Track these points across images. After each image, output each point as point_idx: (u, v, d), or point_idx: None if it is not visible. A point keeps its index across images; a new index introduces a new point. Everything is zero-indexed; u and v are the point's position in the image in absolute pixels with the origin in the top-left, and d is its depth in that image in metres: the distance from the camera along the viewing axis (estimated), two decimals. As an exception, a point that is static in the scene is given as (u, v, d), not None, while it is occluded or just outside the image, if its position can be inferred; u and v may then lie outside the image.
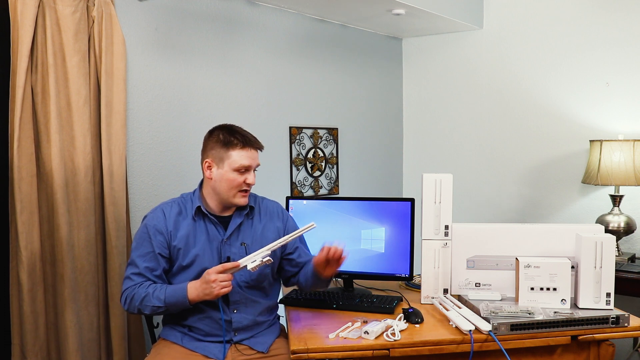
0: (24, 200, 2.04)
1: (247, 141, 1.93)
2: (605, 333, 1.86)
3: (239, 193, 1.93)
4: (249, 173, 1.93)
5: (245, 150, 1.92)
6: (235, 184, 1.92)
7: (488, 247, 2.06)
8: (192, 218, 1.96)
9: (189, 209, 1.97)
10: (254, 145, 1.94)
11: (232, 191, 1.92)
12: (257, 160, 1.97)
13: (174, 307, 1.85)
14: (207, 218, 1.96)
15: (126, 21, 2.38)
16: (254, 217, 2.03)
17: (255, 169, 1.97)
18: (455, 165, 3.71)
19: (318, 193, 3.37)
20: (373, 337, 1.78)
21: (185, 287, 1.84)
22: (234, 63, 2.85)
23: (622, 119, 3.08)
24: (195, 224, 1.95)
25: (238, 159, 1.91)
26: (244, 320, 1.95)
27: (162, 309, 1.84)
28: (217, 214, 1.99)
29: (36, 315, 2.09)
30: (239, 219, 1.98)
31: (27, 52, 2.01)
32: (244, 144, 1.92)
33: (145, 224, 1.94)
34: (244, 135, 1.94)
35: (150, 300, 1.84)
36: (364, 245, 2.31)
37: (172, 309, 1.86)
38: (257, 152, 1.96)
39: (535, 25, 3.34)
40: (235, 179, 1.91)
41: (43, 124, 2.10)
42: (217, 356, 1.89)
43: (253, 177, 1.94)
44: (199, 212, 1.96)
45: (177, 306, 1.85)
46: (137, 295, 1.85)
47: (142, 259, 1.90)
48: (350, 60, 3.53)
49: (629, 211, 2.99)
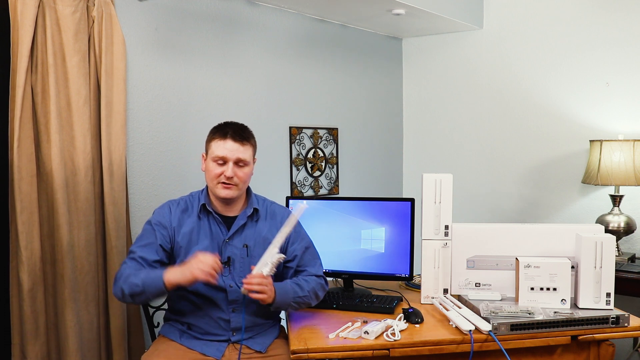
0: (24, 200, 2.05)
1: (226, 133, 1.92)
2: (605, 333, 1.86)
3: (219, 184, 1.92)
4: (227, 165, 1.91)
5: (223, 141, 1.91)
6: (213, 174, 1.92)
7: (488, 247, 2.06)
8: (197, 216, 1.97)
9: (195, 207, 1.99)
10: (234, 138, 1.91)
11: (213, 182, 1.93)
12: (238, 154, 1.91)
13: (150, 288, 1.79)
14: (211, 216, 1.97)
15: (126, 21, 2.38)
16: (259, 220, 2.02)
17: (239, 163, 1.92)
18: (455, 165, 3.71)
19: (318, 193, 3.37)
20: (373, 337, 1.78)
21: (165, 268, 1.82)
22: (234, 63, 2.85)
23: (622, 119, 3.08)
24: (200, 222, 1.96)
25: (215, 149, 1.92)
26: (244, 320, 1.95)
27: (139, 288, 1.79)
28: (222, 213, 1.99)
29: (36, 315, 2.09)
30: (243, 220, 1.98)
31: (27, 52, 2.01)
32: (223, 135, 1.92)
33: (150, 220, 1.96)
34: (228, 128, 1.94)
35: (131, 279, 1.80)
36: (364, 245, 2.31)
37: (148, 290, 1.79)
38: (238, 145, 1.91)
39: (535, 25, 3.34)
40: (213, 170, 1.92)
41: (43, 124, 2.10)
42: (214, 355, 1.90)
43: (230, 170, 1.90)
44: (204, 210, 1.97)
45: (153, 287, 1.78)
46: (124, 274, 1.83)
47: (141, 248, 1.90)
48: (350, 60, 3.53)
49: (629, 211, 3.00)
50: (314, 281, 1.99)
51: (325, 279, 2.06)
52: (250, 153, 1.97)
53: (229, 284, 1.94)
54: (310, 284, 1.96)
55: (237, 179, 1.92)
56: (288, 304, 1.90)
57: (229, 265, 1.95)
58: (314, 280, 1.99)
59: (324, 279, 2.05)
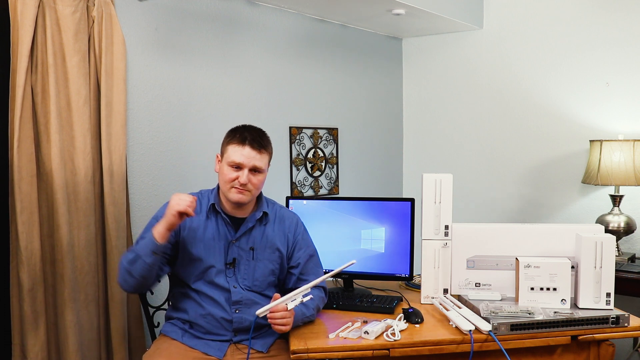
0: (24, 200, 2.05)
1: (245, 139, 1.91)
2: (605, 333, 1.86)
3: (232, 189, 1.91)
4: (242, 171, 1.90)
5: (241, 146, 1.90)
6: (227, 178, 1.91)
7: (488, 247, 2.06)
8: (206, 215, 1.97)
9: (204, 205, 1.99)
10: (252, 145, 1.90)
11: (226, 185, 1.92)
12: (255, 162, 1.90)
13: (143, 249, 1.80)
14: (220, 217, 1.97)
15: (126, 21, 2.38)
16: (267, 224, 2.02)
17: (255, 170, 1.92)
18: (455, 165, 3.71)
19: (318, 193, 3.37)
20: (373, 337, 1.78)
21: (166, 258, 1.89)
22: (234, 63, 2.85)
23: (622, 119, 3.08)
24: (208, 221, 1.96)
25: (231, 154, 1.91)
26: (245, 321, 1.94)
27: (134, 254, 1.81)
28: (230, 214, 1.98)
29: (36, 315, 2.09)
30: (251, 223, 1.98)
31: (27, 52, 2.01)
32: (241, 140, 1.91)
33: (157, 214, 1.97)
34: (247, 133, 1.92)
35: (126, 254, 1.84)
36: (364, 245, 2.31)
37: (141, 251, 1.80)
38: (255, 153, 1.91)
39: (535, 25, 3.34)
40: (228, 174, 1.91)
41: (43, 124, 2.10)
42: (216, 354, 1.90)
43: (245, 176, 1.89)
44: (213, 210, 1.97)
45: (144, 247, 1.80)
46: (123, 256, 1.87)
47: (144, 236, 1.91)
48: (350, 60, 3.53)
49: (629, 211, 2.99)
50: (317, 297, 2.00)
51: (326, 289, 2.09)
52: (267, 161, 1.97)
53: (232, 284, 1.94)
54: (315, 301, 1.97)
55: (251, 185, 1.92)
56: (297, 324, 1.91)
57: (234, 267, 1.95)
58: (317, 297, 1.99)
59: (324, 291, 2.07)
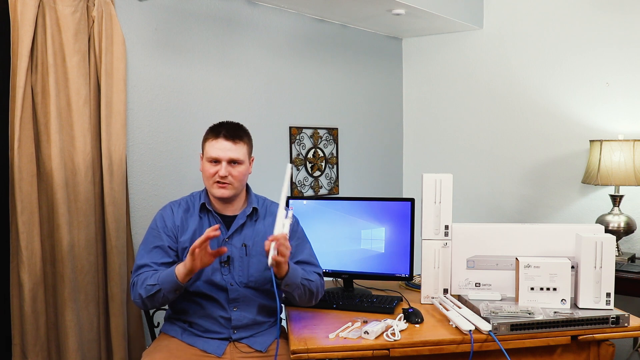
0: (25, 200, 2.05)
1: (219, 133, 1.94)
2: (605, 333, 1.86)
3: (214, 184, 1.94)
4: (220, 165, 1.92)
5: (215, 140, 1.93)
6: (208, 174, 1.95)
7: (488, 247, 2.06)
8: (198, 215, 1.99)
9: (196, 206, 2.01)
10: (226, 137, 1.93)
11: (209, 182, 1.95)
12: (230, 153, 1.92)
13: (167, 285, 1.82)
14: (211, 215, 1.99)
15: (126, 21, 2.38)
16: (258, 220, 2.03)
17: (233, 162, 1.93)
18: (455, 165, 3.71)
19: (318, 193, 3.37)
20: (373, 337, 1.79)
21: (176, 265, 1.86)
22: (234, 63, 2.85)
23: (622, 119, 3.08)
24: (201, 221, 1.99)
25: (209, 150, 1.95)
26: (244, 318, 1.95)
27: (156, 287, 1.82)
28: (221, 212, 2.00)
29: (37, 315, 2.09)
30: (242, 220, 1.99)
31: (27, 52, 2.01)
32: (216, 135, 1.94)
33: (155, 220, 1.99)
34: (221, 128, 1.95)
35: (148, 281, 1.85)
36: (364, 245, 2.31)
37: (165, 287, 1.82)
38: (230, 144, 1.92)
39: (535, 25, 3.34)
40: (208, 170, 1.94)
41: (43, 124, 2.10)
42: (215, 352, 1.91)
43: (224, 169, 1.91)
44: (204, 209, 2.00)
45: (168, 283, 1.81)
46: (140, 279, 1.88)
47: (149, 253, 1.93)
48: (350, 60, 3.53)
49: (629, 211, 3.00)
50: (316, 278, 2.00)
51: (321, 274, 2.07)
52: (245, 151, 1.97)
53: (229, 282, 1.95)
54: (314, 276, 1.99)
55: (232, 177, 1.93)
56: (297, 284, 1.89)
57: (229, 265, 1.96)
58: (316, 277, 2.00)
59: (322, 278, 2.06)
